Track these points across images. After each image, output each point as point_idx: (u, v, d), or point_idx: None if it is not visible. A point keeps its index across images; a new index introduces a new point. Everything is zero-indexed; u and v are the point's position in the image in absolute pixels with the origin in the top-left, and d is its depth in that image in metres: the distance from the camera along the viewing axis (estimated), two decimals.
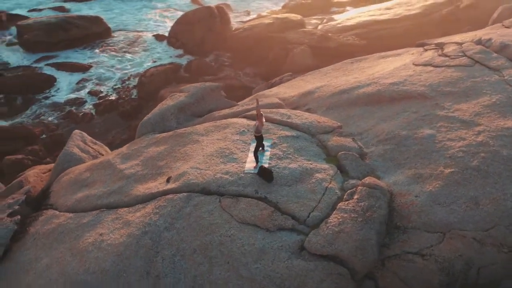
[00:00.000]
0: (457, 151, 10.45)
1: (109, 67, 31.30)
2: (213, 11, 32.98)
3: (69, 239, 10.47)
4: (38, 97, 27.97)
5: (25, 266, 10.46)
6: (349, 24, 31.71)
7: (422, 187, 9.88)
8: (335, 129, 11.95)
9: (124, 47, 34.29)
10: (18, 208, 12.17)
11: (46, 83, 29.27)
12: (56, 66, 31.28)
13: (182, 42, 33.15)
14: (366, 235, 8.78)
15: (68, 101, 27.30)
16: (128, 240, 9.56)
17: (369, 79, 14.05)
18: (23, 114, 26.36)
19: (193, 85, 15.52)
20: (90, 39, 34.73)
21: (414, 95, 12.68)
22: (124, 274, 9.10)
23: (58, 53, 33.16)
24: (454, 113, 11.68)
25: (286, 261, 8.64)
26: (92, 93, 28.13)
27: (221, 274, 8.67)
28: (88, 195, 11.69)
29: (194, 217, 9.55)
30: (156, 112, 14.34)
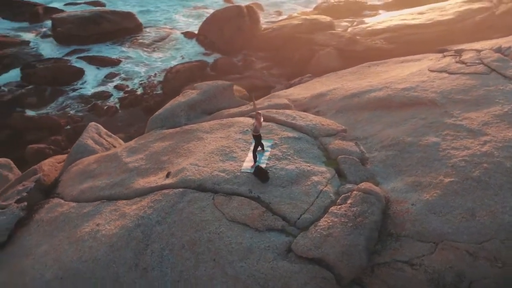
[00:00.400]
0: (459, 160, 10.17)
1: (138, 62, 31.79)
2: (242, 10, 33.06)
3: (69, 228, 10.71)
4: (66, 89, 28.66)
5: (26, 251, 10.74)
6: (379, 28, 31.21)
7: (420, 196, 9.67)
8: (339, 133, 11.82)
9: (154, 43, 34.77)
10: (25, 195, 12.48)
11: (75, 75, 29.96)
12: (87, 59, 32.00)
13: (210, 40, 33.35)
14: (354, 240, 8.66)
15: (94, 94, 27.87)
16: (121, 231, 9.71)
17: (381, 84, 13.83)
18: (50, 105, 27.05)
19: (206, 83, 15.63)
20: (121, 34, 35.35)
21: (424, 102, 12.41)
22: (114, 265, 9.25)
23: (90, 46, 33.91)
24: (462, 121, 11.37)
25: (271, 261, 8.61)
26: (118, 87, 28.64)
27: (206, 270, 8.71)
28: (92, 186, 11.92)
29: (186, 212, 9.63)
30: (167, 108, 14.51)
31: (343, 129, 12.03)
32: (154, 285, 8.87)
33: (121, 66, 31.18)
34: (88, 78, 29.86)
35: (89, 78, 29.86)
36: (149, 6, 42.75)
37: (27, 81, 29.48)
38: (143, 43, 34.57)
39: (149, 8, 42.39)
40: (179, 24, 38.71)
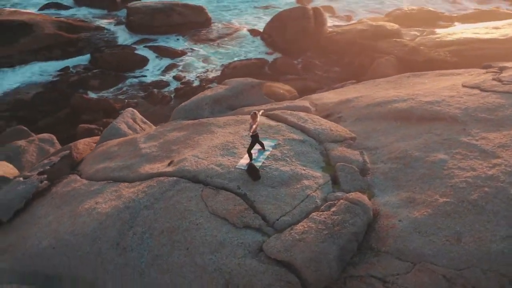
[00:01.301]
0: (461, 181, 9.62)
1: (200, 55, 32.69)
2: (308, 11, 32.97)
3: (75, 203, 11.32)
4: (128, 75, 30.07)
5: (35, 219, 11.49)
6: (448, 40, 29.91)
7: (410, 212, 9.27)
8: (346, 140, 11.57)
9: (219, 38, 35.55)
10: (48, 169, 13.30)
11: (138, 63, 31.36)
12: (152, 49, 33.37)
13: (274, 40, 33.57)
14: (325, 248, 8.48)
15: (153, 83, 29.02)
16: (112, 211, 10.15)
17: (408, 95, 13.33)
18: (111, 89, 28.49)
19: (236, 79, 15.83)
20: (190, 27, 36.47)
21: (445, 117, 11.83)
22: (99, 241, 9.69)
23: (158, 37, 35.32)
24: (478, 141, 10.73)
25: (240, 258, 8.64)
26: (177, 77, 29.63)
27: (179, 258, 8.91)
28: (106, 166, 12.51)
29: (173, 201, 9.88)
30: (193, 100, 14.88)
31: (352, 137, 11.76)
32: (130, 265, 9.21)
33: (184, 58, 32.22)
34: (150, 67, 31.15)
35: (151, 67, 31.13)
36: (221, 1, 43.64)
37: (94, 65, 31.31)
38: (209, 38, 35.45)
39: (221, 3, 43.29)
40: (247, 21, 39.26)
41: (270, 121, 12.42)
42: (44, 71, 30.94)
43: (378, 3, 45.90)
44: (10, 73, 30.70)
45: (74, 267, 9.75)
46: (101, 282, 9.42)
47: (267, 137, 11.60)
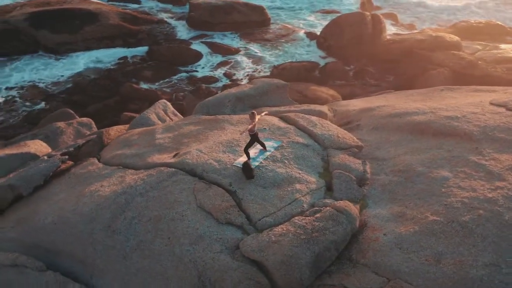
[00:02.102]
0: (457, 200, 9.20)
1: (253, 54, 33.02)
2: (366, 18, 32.37)
3: (85, 184, 11.88)
4: (181, 69, 30.89)
5: (49, 196, 12.16)
6: (509, 56, 28.40)
7: (396, 227, 9.00)
8: (351, 148, 11.37)
9: (276, 39, 35.70)
10: (72, 150, 13.99)
11: (192, 58, 32.16)
12: (208, 45, 34.09)
13: (329, 44, 33.28)
14: (299, 253, 8.42)
15: (203, 78, 29.66)
16: (110, 195, 10.57)
17: (430, 108, 12.86)
18: (162, 81, 29.41)
19: (263, 79, 15.90)
20: (248, 26, 36.89)
21: (460, 134, 11.32)
22: (94, 222, 10.14)
23: (216, 33, 36.03)
24: (487, 161, 10.19)
25: (215, 253, 8.76)
26: (226, 74, 30.11)
27: (160, 246, 9.17)
28: (122, 153, 13.00)
29: (166, 191, 10.15)
30: (216, 96, 15.12)
31: (358, 145, 11.53)
32: (116, 247, 9.59)
33: (236, 56, 32.68)
34: (203, 62, 31.85)
35: (204, 62, 31.83)
36: (282, 3, 43.73)
37: (150, 56, 32.45)
38: (265, 38, 35.71)
39: (282, 4, 43.37)
40: (306, 24, 39.10)
41: (281, 123, 12.41)
42: (103, 59, 32.47)
43: (449, 14, 44.28)
44: (73, 59, 32.48)
45: (70, 243, 10.26)
46: (90, 260, 9.86)
47: (272, 138, 11.62)
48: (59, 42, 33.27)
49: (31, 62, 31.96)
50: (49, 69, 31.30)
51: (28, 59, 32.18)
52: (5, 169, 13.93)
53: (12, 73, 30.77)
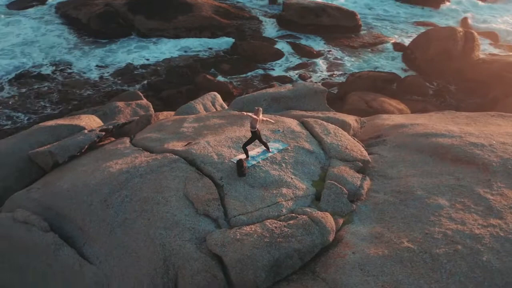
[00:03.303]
0: (440, 231, 8.63)
1: (333, 59, 32.61)
2: (456, 34, 30.50)
3: (106, 160, 12.66)
4: (259, 66, 31.36)
5: (76, 166, 13.12)
6: None
7: (367, 248, 8.65)
8: (356, 161, 11.00)
9: (361, 46, 34.91)
10: (110, 128, 14.89)
11: (273, 56, 32.48)
12: (291, 45, 34.23)
13: (415, 57, 31.87)
14: (257, 255, 8.43)
15: (277, 77, 29.87)
16: (116, 172, 11.23)
17: (462, 132, 12.03)
18: (238, 76, 30.10)
19: (303, 82, 15.83)
20: (337, 30, 36.39)
21: (478, 163, 10.51)
22: (94, 194, 10.83)
23: (303, 35, 36.03)
24: (493, 196, 9.40)
25: (184, 240, 9.06)
26: (301, 76, 30.07)
27: (139, 226, 9.66)
28: (149, 136, 13.67)
29: (163, 176, 10.59)
30: (254, 94, 15.33)
31: (365, 160, 11.13)
32: (105, 221, 10.20)
33: (317, 59, 32.46)
34: (282, 62, 32.06)
35: (283, 62, 32.01)
36: (379, 10, 42.50)
37: (233, 50, 33.31)
38: (350, 44, 35.07)
39: (381, 12, 42.14)
40: (398, 34, 37.73)
41: (297, 127, 12.31)
42: (189, 48, 33.87)
43: None
44: (162, 45, 34.26)
45: (73, 210, 11.04)
46: (86, 228, 10.57)
47: (281, 140, 11.58)
48: (151, 28, 35.27)
49: (125, 44, 34.24)
50: (139, 53, 33.30)
51: (123, 42, 34.50)
52: (54, 137, 15.17)
53: (108, 54, 33.19)
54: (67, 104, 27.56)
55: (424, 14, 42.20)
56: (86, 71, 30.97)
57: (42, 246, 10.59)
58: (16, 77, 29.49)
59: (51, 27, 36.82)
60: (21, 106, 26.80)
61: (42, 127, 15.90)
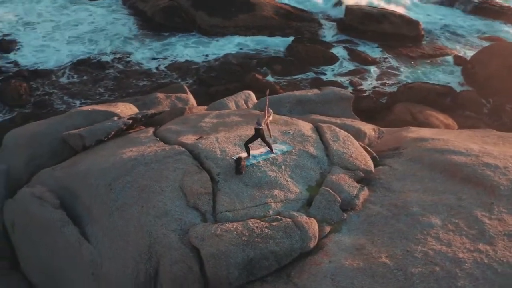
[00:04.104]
0: (422, 250, 8.33)
1: (388, 69, 31.82)
2: None
3: (125, 147, 13.10)
4: (311, 69, 31.24)
5: (99, 151, 13.65)
6: None
7: (345, 258, 8.51)
8: (358, 171, 10.78)
9: (420, 57, 33.73)
10: (139, 117, 15.43)
11: (327, 60, 32.22)
12: (348, 51, 33.77)
13: (475, 72, 30.41)
14: (232, 252, 8.54)
15: (328, 81, 29.56)
16: (126, 159, 11.68)
17: (479, 151, 11.43)
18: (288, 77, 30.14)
19: (331, 87, 15.62)
20: (397, 39, 35.38)
21: (486, 185, 9.99)
22: (102, 177, 11.35)
23: (360, 41, 35.42)
24: (490, 220, 8.92)
25: (169, 230, 9.34)
26: (352, 83, 29.64)
27: (133, 211, 10.05)
28: (169, 128, 14.04)
29: (165, 166, 10.92)
30: (279, 95, 15.41)
31: (368, 170, 10.88)
32: (106, 204, 10.68)
33: (372, 66, 31.83)
34: (335, 67, 31.73)
35: (336, 67, 31.68)
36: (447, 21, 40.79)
37: (288, 51, 33.37)
38: (409, 54, 34.01)
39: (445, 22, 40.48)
40: (461, 47, 36.13)
41: (308, 131, 12.21)
42: (246, 46, 34.29)
43: None
44: (220, 42, 34.94)
45: (84, 191, 11.64)
46: (92, 209, 11.09)
47: (288, 142, 11.56)
48: (212, 25, 36.02)
49: (184, 39, 35.22)
50: (197, 48, 34.16)
51: (183, 36, 35.50)
52: (88, 122, 15.92)
53: (167, 47, 34.30)
54: (122, 92, 28.78)
55: (495, 27, 40.14)
56: (144, 62, 32.18)
57: (51, 222, 11.23)
58: (78, 63, 31.13)
59: (118, 16, 38.54)
60: (78, 91, 28.28)
61: (79, 111, 16.77)
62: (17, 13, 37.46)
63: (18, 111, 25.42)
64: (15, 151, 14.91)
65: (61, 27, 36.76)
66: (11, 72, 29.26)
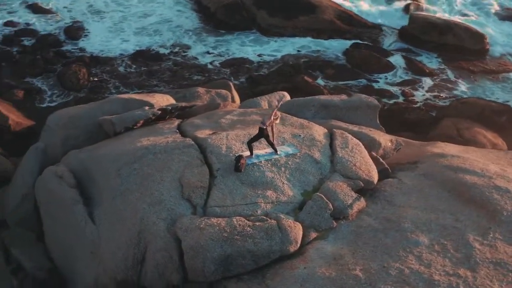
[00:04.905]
0: (399, 268, 8.14)
1: (445, 81, 30.53)
2: None
3: (145, 136, 13.48)
4: (364, 76, 30.58)
5: (122, 138, 14.01)
6: None
7: (319, 266, 8.47)
8: (358, 180, 10.57)
9: (482, 71, 31.97)
10: (169, 109, 15.91)
11: (381, 68, 31.27)
12: (406, 60, 32.73)
13: None
14: (210, 247, 8.74)
15: (378, 90, 28.81)
16: (139, 147, 12.08)
17: (495, 173, 10.85)
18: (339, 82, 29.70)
19: (360, 94, 15.33)
20: (458, 51, 33.74)
21: (490, 209, 9.51)
22: (114, 163, 11.82)
23: (420, 51, 34.22)
24: (481, 246, 8.50)
25: (159, 219, 9.73)
26: (404, 93, 28.71)
27: (133, 198, 10.51)
28: (194, 121, 14.39)
29: (171, 157, 11.24)
30: (305, 98, 15.35)
31: (369, 181, 10.65)
32: (112, 188, 11.19)
33: (427, 78, 30.67)
34: (390, 75, 30.89)
35: (391, 76, 30.83)
36: None
37: (344, 56, 32.88)
38: (470, 68, 32.21)
39: None
40: None
41: (321, 136, 12.09)
42: (303, 47, 34.10)
43: None
44: (277, 42, 34.93)
45: (98, 174, 12.21)
46: (102, 193, 11.62)
47: (295, 145, 11.53)
48: (271, 24, 36.13)
49: (242, 37, 35.54)
50: (253, 47, 34.44)
51: (241, 34, 35.87)
52: (124, 109, 16.56)
53: (224, 44, 34.82)
54: (174, 84, 29.49)
55: None
56: (199, 57, 32.83)
57: (65, 200, 11.89)
58: (137, 54, 32.27)
59: (184, 9, 39.53)
60: (133, 81, 29.28)
61: (117, 98, 17.55)
62: (87, 0, 39.34)
63: (74, 95, 26.76)
64: (54, 132, 15.78)
65: (128, 17, 38.31)
66: (74, 57, 30.83)
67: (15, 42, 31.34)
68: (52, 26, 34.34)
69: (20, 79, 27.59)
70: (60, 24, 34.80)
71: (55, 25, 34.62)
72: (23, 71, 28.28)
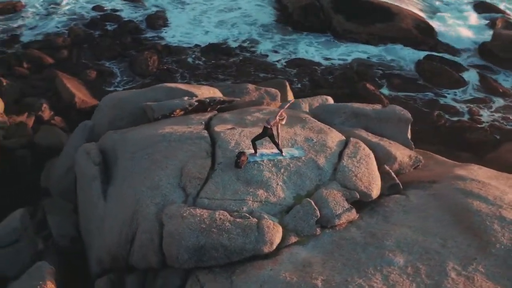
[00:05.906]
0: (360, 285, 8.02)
1: None
2: None
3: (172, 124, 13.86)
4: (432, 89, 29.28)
5: (158, 124, 14.64)
6: None
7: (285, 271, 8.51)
8: (354, 191, 10.35)
9: None
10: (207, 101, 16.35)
11: (452, 84, 29.80)
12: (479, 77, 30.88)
13: None
14: (186, 236, 9.08)
15: (444, 105, 27.62)
16: (157, 134, 12.57)
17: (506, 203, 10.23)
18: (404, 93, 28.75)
19: (394, 106, 14.85)
20: None
21: (485, 239, 8.97)
22: (133, 146, 12.43)
23: (498, 69, 32.09)
24: (457, 276, 8.06)
25: (152, 203, 10.23)
26: (471, 111, 27.23)
27: (136, 181, 11.12)
28: (222, 116, 14.72)
29: (182, 147, 11.71)
30: (337, 104, 15.18)
31: (366, 193, 10.37)
32: (125, 168, 11.88)
33: (500, 98, 28.88)
34: (460, 92, 29.45)
35: (461, 92, 29.40)
36: None
37: (415, 68, 31.79)
38: None
39: None
40: None
41: (334, 143, 11.91)
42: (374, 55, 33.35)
43: None
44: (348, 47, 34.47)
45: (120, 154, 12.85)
46: (118, 172, 12.31)
47: (303, 148, 11.52)
48: (346, 29, 35.65)
49: (313, 39, 35.48)
50: (323, 50, 34.26)
51: (313, 36, 35.80)
52: (168, 97, 17.30)
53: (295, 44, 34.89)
54: (239, 80, 30.14)
55: None
56: (268, 54, 33.22)
57: (88, 176, 12.72)
58: (209, 46, 33.27)
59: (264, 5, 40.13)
60: (199, 72, 30.28)
61: (163, 87, 18.30)
62: None
63: (141, 81, 28.17)
64: (104, 112, 16.84)
65: (208, 11, 39.49)
66: (149, 44, 32.36)
67: (99, 26, 33.42)
68: (136, 14, 36.25)
69: (96, 61, 29.46)
70: (145, 12, 36.68)
71: (139, 12, 36.54)
72: (101, 53, 30.20)
